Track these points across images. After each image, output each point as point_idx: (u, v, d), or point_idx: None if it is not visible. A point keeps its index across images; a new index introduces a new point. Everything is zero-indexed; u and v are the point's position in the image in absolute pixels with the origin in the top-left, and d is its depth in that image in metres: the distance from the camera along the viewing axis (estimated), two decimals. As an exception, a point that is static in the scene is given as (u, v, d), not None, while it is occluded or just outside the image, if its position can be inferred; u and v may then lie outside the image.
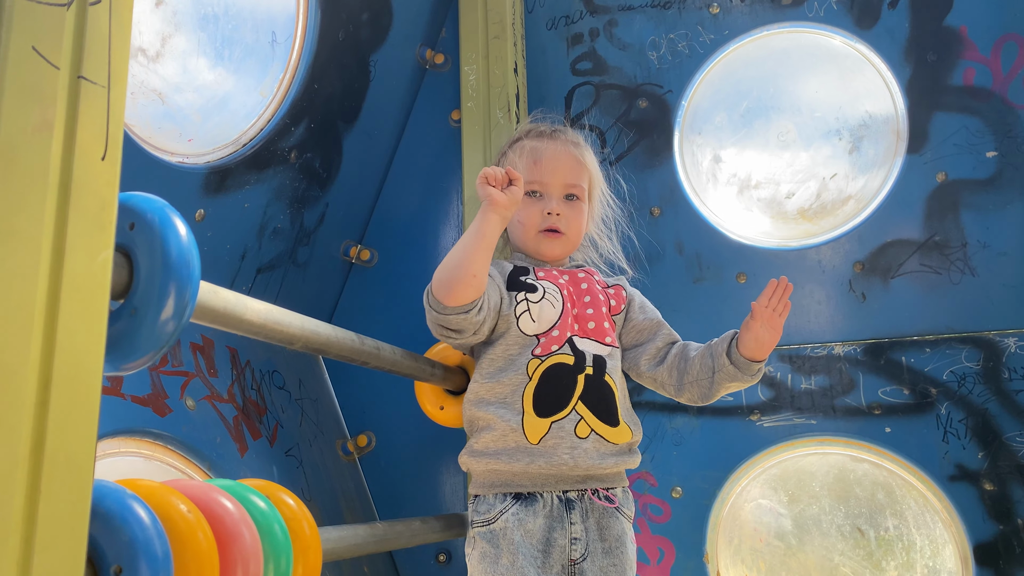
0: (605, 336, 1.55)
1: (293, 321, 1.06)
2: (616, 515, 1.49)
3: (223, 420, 1.62)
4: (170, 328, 0.82)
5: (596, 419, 1.47)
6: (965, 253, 1.91)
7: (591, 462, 1.45)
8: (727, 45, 2.16)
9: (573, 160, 1.64)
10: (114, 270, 0.79)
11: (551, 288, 1.55)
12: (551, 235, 1.61)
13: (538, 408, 1.45)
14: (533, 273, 1.59)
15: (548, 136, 1.68)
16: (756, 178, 2.14)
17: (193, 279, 0.84)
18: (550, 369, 1.47)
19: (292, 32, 1.82)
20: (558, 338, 1.50)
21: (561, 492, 1.45)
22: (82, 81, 0.70)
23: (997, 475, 1.81)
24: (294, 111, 1.79)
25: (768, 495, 2.01)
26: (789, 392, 1.98)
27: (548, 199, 1.61)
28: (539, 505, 1.44)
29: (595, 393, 1.48)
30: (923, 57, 2.00)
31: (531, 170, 1.62)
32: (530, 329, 1.51)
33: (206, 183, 1.63)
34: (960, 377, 1.88)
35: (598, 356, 1.52)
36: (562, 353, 1.49)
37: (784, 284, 1.46)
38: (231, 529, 0.83)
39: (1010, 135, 1.91)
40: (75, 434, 0.69)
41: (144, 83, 1.64)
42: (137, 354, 0.82)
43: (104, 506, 0.73)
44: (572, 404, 1.46)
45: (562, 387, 1.47)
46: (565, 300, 1.55)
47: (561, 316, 1.52)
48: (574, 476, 1.46)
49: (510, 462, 1.44)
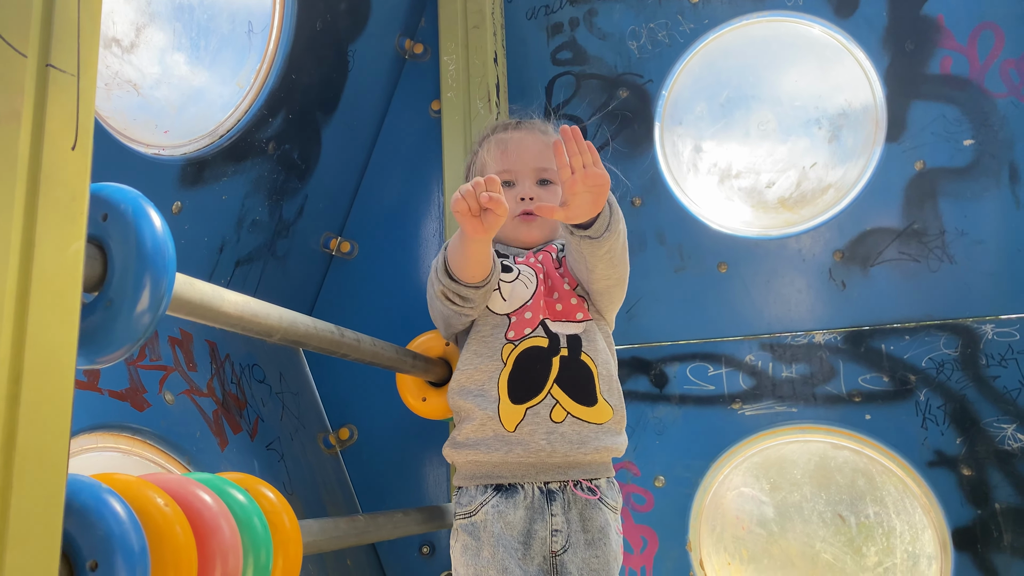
0: (575, 313, 1.52)
1: (271, 313, 1.05)
2: (599, 506, 1.47)
3: (202, 414, 1.61)
4: (146, 320, 0.81)
5: (572, 401, 1.46)
6: (943, 241, 1.93)
7: (570, 447, 1.44)
8: (707, 34, 2.16)
9: (541, 144, 1.64)
10: (87, 262, 0.78)
11: (527, 271, 1.55)
12: (527, 218, 1.60)
13: (513, 394, 1.44)
14: (512, 258, 1.59)
15: (514, 127, 1.69)
16: (737, 168, 2.14)
17: (169, 270, 0.82)
18: (524, 353, 1.46)
19: (268, 22, 1.80)
20: (531, 320, 1.48)
21: (542, 483, 1.44)
22: (50, 69, 0.69)
23: (975, 460, 1.83)
24: (272, 102, 1.77)
25: (750, 483, 2.02)
26: (770, 381, 1.99)
27: (520, 185, 1.62)
28: (520, 497, 1.43)
29: (570, 374, 1.46)
30: (901, 46, 2.00)
31: (500, 160, 1.63)
32: (500, 307, 1.50)
33: (183, 175, 1.61)
34: (939, 364, 1.89)
35: (573, 336, 1.49)
36: (535, 336, 1.47)
37: (571, 131, 1.33)
38: (209, 523, 0.82)
39: (987, 123, 1.92)
40: (48, 428, 0.68)
41: (119, 74, 1.62)
42: (113, 347, 0.81)
43: (79, 500, 0.72)
44: (547, 388, 1.45)
45: (536, 371, 1.45)
46: (540, 283, 1.53)
47: (533, 297, 1.51)
48: (553, 464, 1.45)
49: (489, 452, 1.44)
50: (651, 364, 2.06)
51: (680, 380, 2.04)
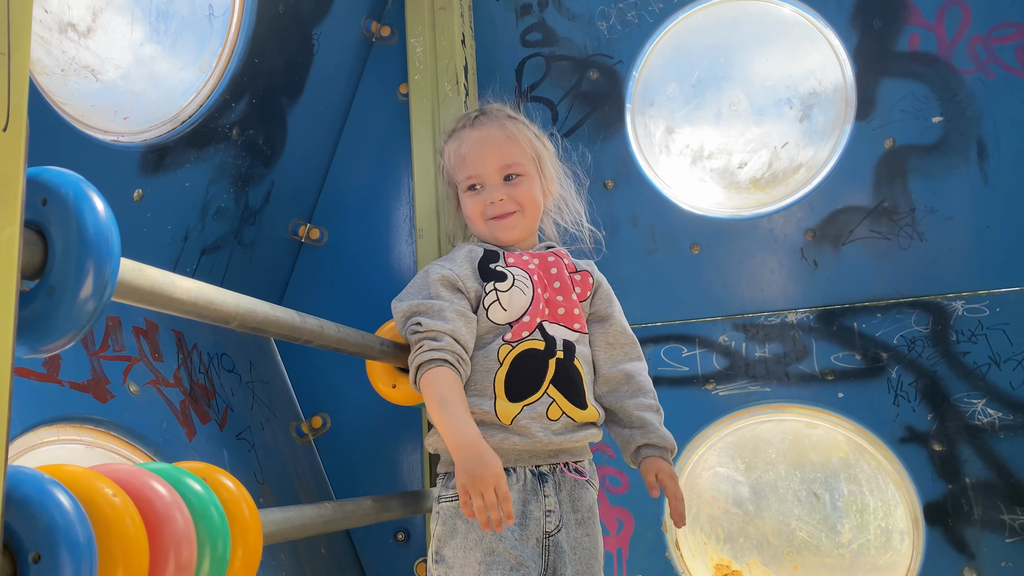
0: (574, 322, 1.54)
1: (227, 299, 1.03)
2: (587, 487, 1.51)
3: (169, 405, 1.58)
4: (90, 307, 0.79)
5: (567, 402, 1.48)
6: (913, 218, 1.93)
7: (563, 437, 1.47)
8: (676, 14, 2.14)
9: (500, 140, 1.61)
10: (26, 248, 0.75)
11: (521, 275, 1.54)
12: (501, 220, 1.60)
13: (510, 393, 1.46)
14: (503, 259, 1.58)
15: (471, 124, 1.66)
16: (708, 149, 2.14)
17: (113, 256, 0.80)
18: (521, 355, 1.47)
19: (229, 5, 1.76)
20: (528, 324, 1.50)
21: (534, 467, 1.46)
22: (-22, 47, 0.67)
23: (946, 436, 1.84)
24: (234, 87, 1.74)
25: (725, 463, 2.02)
26: (744, 360, 1.99)
27: (487, 189, 1.60)
28: (513, 479, 1.44)
29: (565, 377, 1.49)
30: (869, 23, 2.00)
31: (461, 168, 1.62)
32: (500, 318, 1.50)
33: (143, 162, 1.58)
34: (910, 341, 1.90)
35: (568, 341, 1.52)
36: (532, 339, 1.49)
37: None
38: (161, 513, 0.80)
39: (954, 100, 1.93)
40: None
41: (75, 59, 1.58)
42: (55, 335, 0.79)
43: (20, 492, 0.70)
44: (544, 388, 1.47)
45: (533, 372, 1.47)
46: (535, 286, 1.54)
47: (532, 303, 1.51)
48: (547, 451, 1.47)
49: (484, 437, 1.40)
50: (625, 346, 2.05)
51: (654, 361, 2.03)
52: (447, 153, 1.68)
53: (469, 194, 1.63)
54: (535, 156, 1.65)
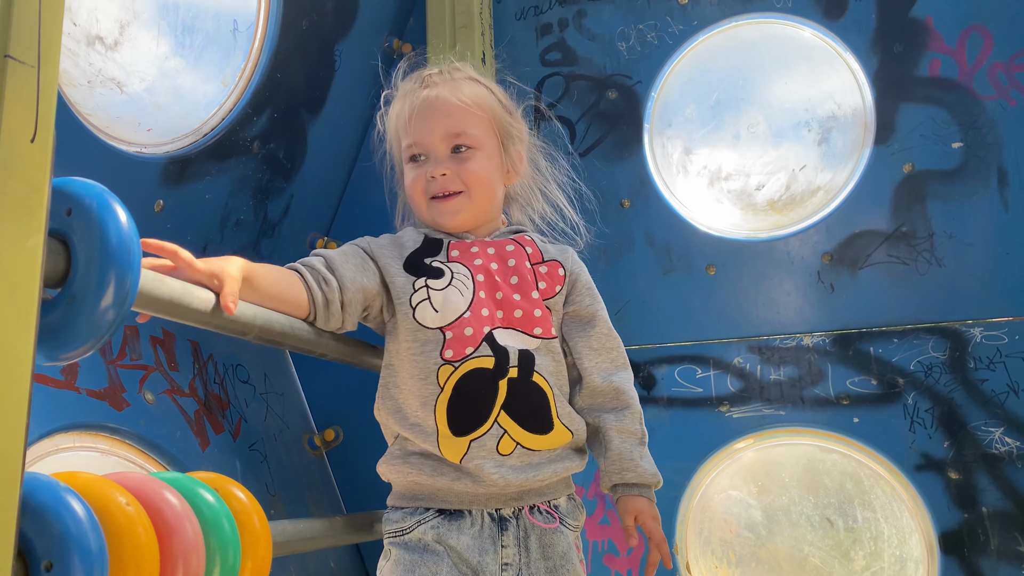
0: (534, 326, 1.27)
1: (245, 311, 1.04)
2: (560, 531, 1.28)
3: (183, 414, 1.60)
4: (110, 317, 0.80)
5: (522, 430, 1.23)
6: (932, 244, 1.92)
7: (525, 477, 1.23)
8: (696, 36, 2.15)
9: (451, 105, 1.33)
10: (50, 257, 0.76)
11: (461, 272, 1.29)
12: (442, 201, 1.32)
13: (453, 426, 1.22)
14: (446, 251, 1.33)
15: (421, 84, 1.38)
16: (726, 170, 2.14)
17: (134, 266, 0.81)
18: (465, 378, 1.22)
19: (254, 21, 1.79)
20: (472, 338, 1.23)
21: (494, 510, 1.24)
22: (9, 60, 0.68)
23: (962, 464, 1.82)
24: (256, 101, 1.76)
25: (738, 486, 2.01)
26: (758, 383, 1.98)
27: (430, 160, 1.33)
28: (466, 523, 1.23)
29: (520, 399, 1.24)
30: (890, 48, 2.00)
31: (404, 133, 1.36)
32: (431, 320, 1.24)
33: (165, 173, 1.60)
34: (927, 367, 1.88)
35: (525, 352, 1.25)
36: (479, 356, 1.23)
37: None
38: (172, 523, 0.81)
39: (975, 126, 1.92)
40: (3, 424, 0.67)
41: (102, 72, 1.61)
42: (75, 343, 0.80)
43: (36, 499, 0.71)
44: (493, 417, 1.22)
45: (480, 399, 1.22)
46: (478, 287, 1.27)
47: (471, 305, 1.25)
48: (507, 494, 1.25)
49: (433, 476, 1.23)
50: (639, 366, 2.05)
51: (668, 382, 2.03)
52: (390, 115, 1.42)
53: (411, 166, 1.36)
54: (497, 129, 1.39)
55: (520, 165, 1.43)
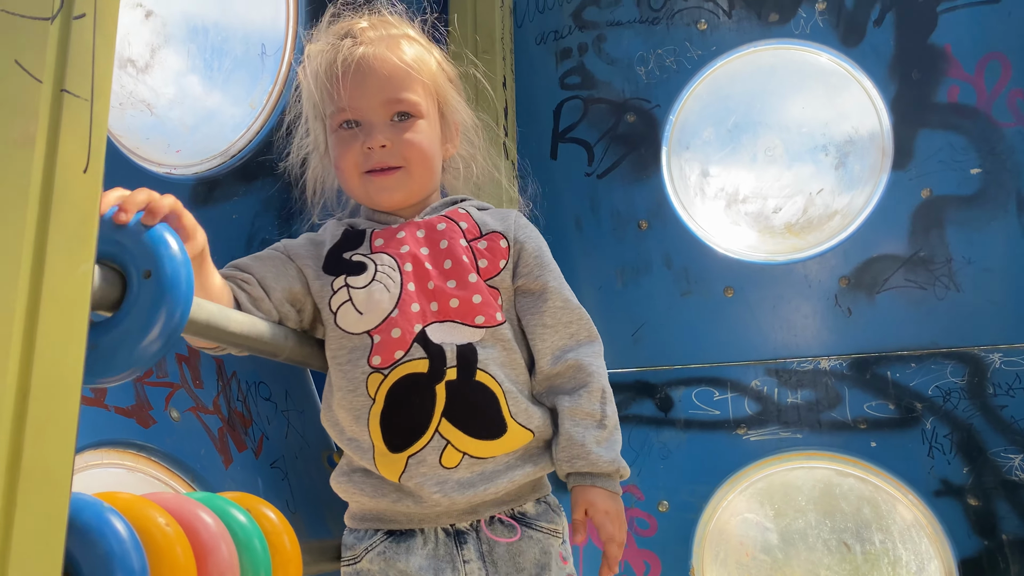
0: (475, 314, 1.10)
1: (277, 333, 1.06)
2: (531, 537, 1.13)
3: (208, 432, 1.61)
4: (155, 347, 0.83)
5: (468, 437, 1.08)
6: (950, 269, 1.93)
7: (474, 491, 1.09)
8: (714, 61, 2.17)
9: (392, 66, 1.16)
10: (105, 284, 0.79)
11: (386, 264, 1.14)
12: (379, 176, 1.17)
13: (389, 441, 1.09)
14: (369, 241, 1.18)
15: (352, 41, 1.20)
16: (743, 193, 2.15)
17: (185, 300, 0.84)
18: (397, 386, 1.08)
19: (281, 44, 1.82)
20: (401, 339, 1.08)
21: (448, 525, 1.11)
22: (65, 94, 0.71)
23: (982, 490, 1.82)
24: (283, 123, 1.79)
25: (754, 509, 2.01)
26: (775, 406, 1.99)
27: (366, 128, 1.17)
28: (416, 542, 1.10)
29: (463, 403, 1.09)
30: (908, 74, 2.02)
31: (331, 95, 1.19)
32: (354, 325, 1.11)
33: (194, 194, 1.63)
34: (945, 392, 1.89)
35: (465, 348, 1.09)
36: (410, 359, 1.08)
37: None
38: (208, 543, 0.82)
39: (994, 153, 1.93)
40: (53, 446, 0.69)
41: (133, 94, 1.65)
42: (117, 370, 0.82)
43: (81, 519, 0.73)
44: (433, 427, 1.08)
45: (416, 408, 1.08)
46: (407, 279, 1.11)
47: (399, 302, 1.10)
48: (458, 510, 1.12)
49: (375, 497, 1.12)
50: (656, 388, 2.06)
51: (685, 404, 2.03)
52: (311, 71, 1.23)
53: (341, 134, 1.20)
54: (437, 94, 1.23)
55: (458, 137, 1.29)
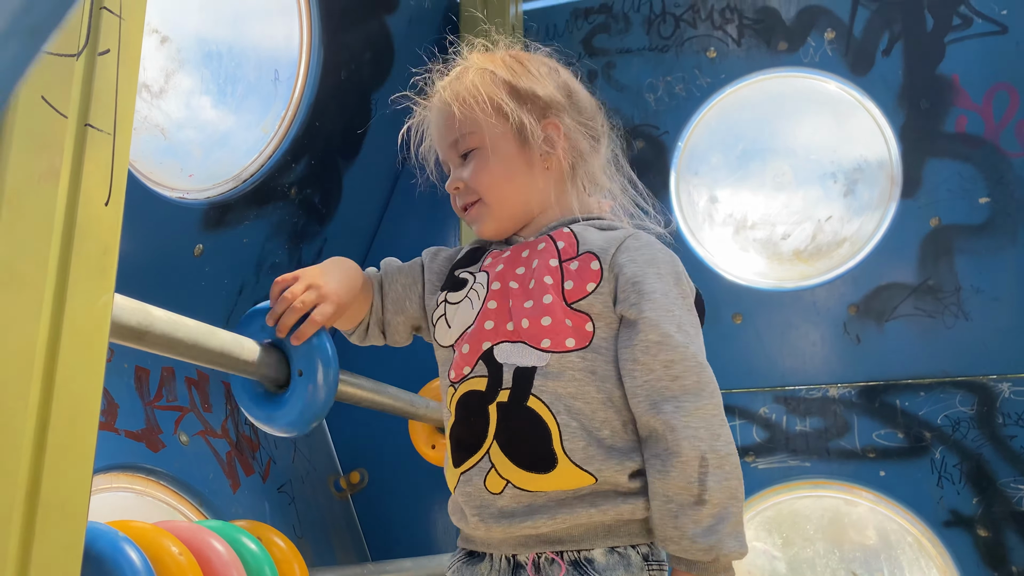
0: (541, 338, 1.03)
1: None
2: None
3: (216, 456, 1.62)
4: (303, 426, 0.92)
5: (512, 465, 1.01)
6: (959, 297, 1.93)
7: (511, 523, 1.01)
8: (723, 89, 2.19)
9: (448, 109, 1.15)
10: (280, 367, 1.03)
11: (480, 281, 1.12)
12: (467, 213, 1.18)
13: (454, 456, 1.07)
14: (481, 260, 1.17)
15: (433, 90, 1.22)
16: (752, 219, 2.16)
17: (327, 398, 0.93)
18: (462, 401, 1.06)
19: (295, 70, 1.84)
20: (469, 356, 1.07)
21: (511, 554, 1.04)
22: (89, 129, 0.72)
23: (991, 521, 1.81)
24: (295, 148, 1.81)
25: (762, 537, 2.00)
26: (784, 434, 1.98)
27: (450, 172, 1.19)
28: (482, 566, 1.06)
29: (510, 429, 1.02)
30: (916, 104, 2.03)
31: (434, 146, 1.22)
32: (444, 338, 1.11)
33: (206, 218, 1.64)
34: (954, 422, 1.88)
35: (524, 371, 1.03)
36: (475, 376, 1.06)
37: None
38: (220, 571, 0.83)
39: (1002, 182, 1.93)
40: (71, 477, 0.70)
41: (147, 119, 1.66)
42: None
43: (96, 548, 0.73)
44: (484, 448, 1.03)
45: (472, 426, 1.05)
46: (490, 296, 1.09)
47: (477, 317, 1.08)
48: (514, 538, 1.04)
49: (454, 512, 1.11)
50: (664, 414, 2.05)
51: (693, 431, 2.03)
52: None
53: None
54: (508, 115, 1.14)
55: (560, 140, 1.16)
